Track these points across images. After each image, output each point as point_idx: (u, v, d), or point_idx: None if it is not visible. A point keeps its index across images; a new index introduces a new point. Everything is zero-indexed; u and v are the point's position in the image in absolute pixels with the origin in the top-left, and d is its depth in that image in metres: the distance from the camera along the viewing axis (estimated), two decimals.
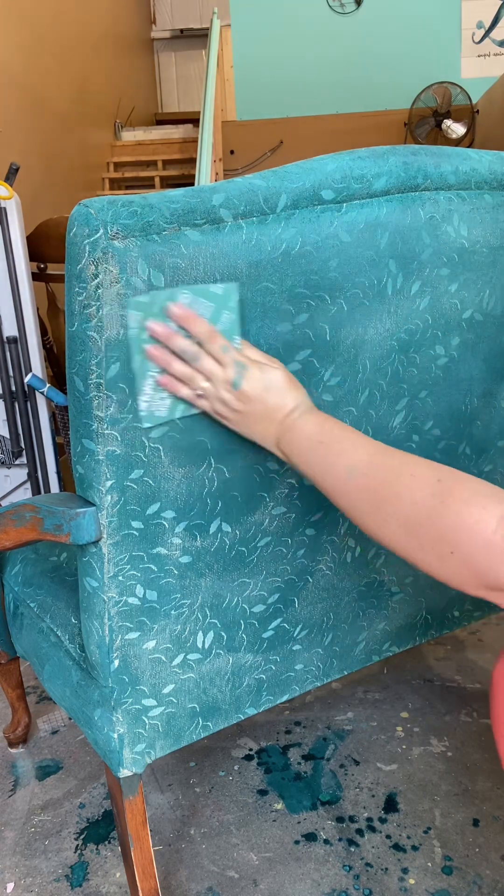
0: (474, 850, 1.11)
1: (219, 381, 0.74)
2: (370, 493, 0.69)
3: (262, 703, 1.00)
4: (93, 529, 0.77)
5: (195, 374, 0.74)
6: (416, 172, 0.80)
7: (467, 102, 5.07)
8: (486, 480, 1.06)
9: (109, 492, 0.76)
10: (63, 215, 2.32)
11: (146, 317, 0.71)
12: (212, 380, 0.74)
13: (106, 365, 0.70)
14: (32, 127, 4.27)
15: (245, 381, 0.74)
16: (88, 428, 0.74)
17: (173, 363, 0.73)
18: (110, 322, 0.69)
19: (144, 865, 0.96)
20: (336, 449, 0.72)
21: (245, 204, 0.72)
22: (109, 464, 0.75)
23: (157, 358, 0.72)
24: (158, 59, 7.82)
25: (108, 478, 0.75)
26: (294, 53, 5.52)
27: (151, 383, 0.73)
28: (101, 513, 0.77)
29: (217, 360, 0.74)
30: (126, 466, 0.76)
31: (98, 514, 0.77)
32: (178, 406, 0.76)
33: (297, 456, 0.75)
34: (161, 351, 0.72)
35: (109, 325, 0.69)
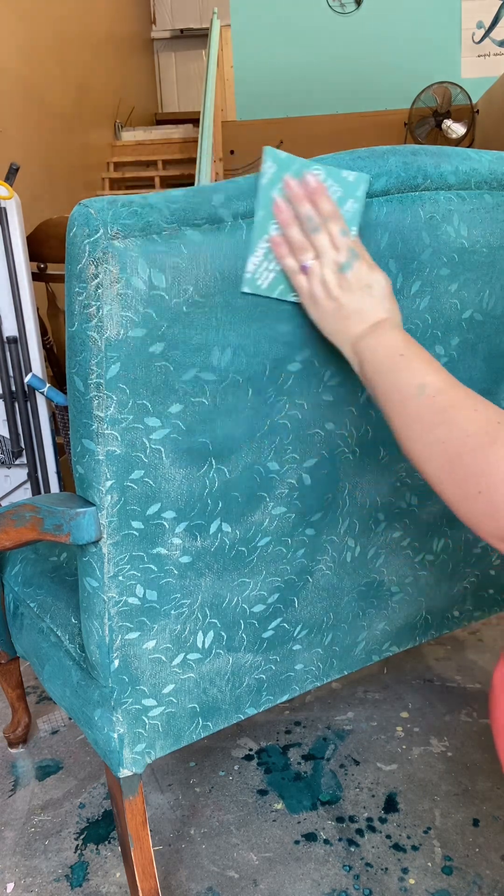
0: (474, 850, 1.11)
1: (328, 261, 0.74)
2: (430, 414, 0.68)
3: (262, 703, 1.00)
4: (93, 529, 0.77)
5: (308, 247, 0.74)
6: (416, 172, 0.80)
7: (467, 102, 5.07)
8: None
9: (109, 492, 0.76)
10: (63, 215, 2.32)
11: (281, 171, 0.71)
12: (322, 257, 0.74)
13: (106, 365, 0.70)
14: (32, 127, 4.28)
15: (353, 269, 0.74)
16: (88, 428, 0.74)
17: (292, 226, 0.73)
18: (110, 322, 0.69)
19: (144, 865, 0.96)
20: (413, 365, 0.71)
21: (245, 204, 0.72)
22: (109, 464, 0.75)
23: (282, 212, 0.73)
24: (158, 59, 7.83)
25: (108, 478, 0.75)
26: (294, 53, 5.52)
27: (265, 247, 0.73)
28: (101, 513, 0.77)
29: (333, 241, 0.73)
30: (126, 466, 0.76)
31: (98, 514, 0.77)
32: (280, 285, 0.75)
33: (372, 363, 0.73)
34: (287, 209, 0.73)
35: (109, 325, 0.69)
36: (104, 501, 0.76)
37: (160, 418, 0.75)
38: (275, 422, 0.82)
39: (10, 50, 3.98)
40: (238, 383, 0.77)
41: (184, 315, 0.71)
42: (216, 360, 0.75)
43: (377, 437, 0.92)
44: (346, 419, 0.87)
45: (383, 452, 0.93)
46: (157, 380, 0.73)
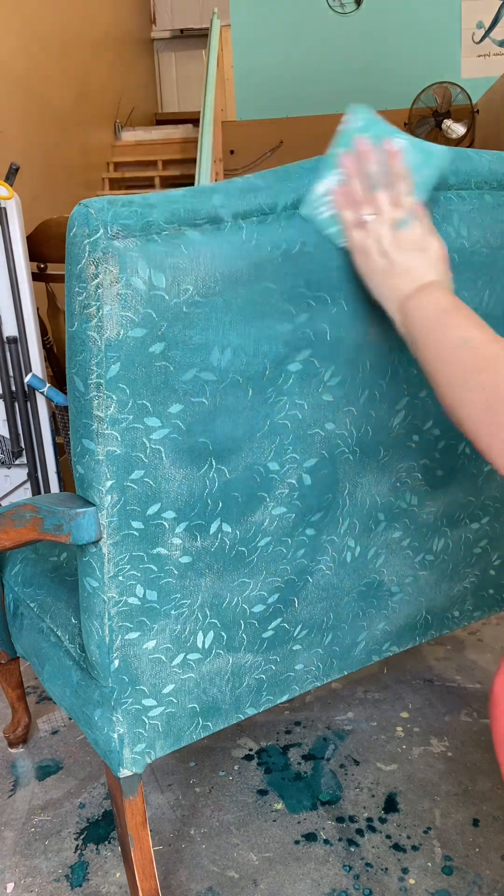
0: (474, 850, 1.11)
1: (386, 217, 0.74)
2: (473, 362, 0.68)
3: (262, 703, 1.00)
4: (93, 529, 0.77)
5: (367, 202, 0.75)
6: None
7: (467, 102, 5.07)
8: (487, 480, 1.06)
9: (109, 492, 0.76)
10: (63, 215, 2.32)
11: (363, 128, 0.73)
12: (380, 213, 0.74)
13: (106, 365, 0.70)
14: (32, 127, 4.28)
15: (410, 228, 0.74)
16: (88, 428, 0.74)
17: (355, 179, 0.74)
18: (110, 322, 0.69)
19: (144, 865, 0.96)
20: (459, 321, 0.71)
21: (245, 204, 0.72)
22: (109, 464, 0.75)
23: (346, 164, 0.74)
24: (158, 59, 7.83)
25: (108, 478, 0.75)
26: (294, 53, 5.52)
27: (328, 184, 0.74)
28: (101, 513, 0.77)
29: (395, 199, 0.75)
30: (126, 467, 0.76)
31: (98, 514, 0.77)
32: (334, 226, 0.75)
33: (418, 319, 0.73)
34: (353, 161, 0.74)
35: (109, 325, 0.69)
36: (104, 501, 0.76)
37: (160, 418, 0.75)
38: (275, 422, 0.82)
39: (11, 50, 3.98)
40: (238, 383, 0.77)
41: (184, 315, 0.71)
42: (216, 360, 0.75)
43: (377, 437, 0.92)
44: (347, 419, 0.87)
45: (383, 452, 0.93)
46: (157, 380, 0.73)
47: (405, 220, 0.75)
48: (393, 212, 0.75)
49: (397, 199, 0.75)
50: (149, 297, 0.69)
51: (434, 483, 1.01)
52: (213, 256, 0.71)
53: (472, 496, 1.06)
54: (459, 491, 1.04)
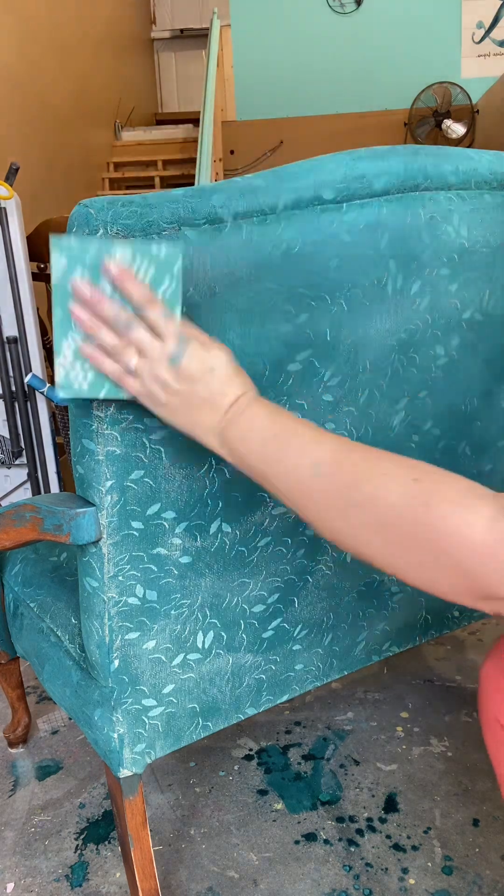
0: (474, 850, 1.11)
1: (156, 356, 0.64)
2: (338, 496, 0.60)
3: (262, 703, 1.00)
4: (93, 529, 0.77)
5: (126, 347, 0.64)
6: (416, 172, 0.80)
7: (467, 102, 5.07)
8: (487, 480, 1.06)
9: (109, 492, 0.76)
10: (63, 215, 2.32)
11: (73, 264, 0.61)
12: (147, 354, 0.64)
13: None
14: (32, 127, 4.27)
15: (187, 357, 0.64)
16: (88, 428, 0.74)
17: (101, 331, 0.63)
18: None
19: (144, 865, 0.96)
20: (294, 444, 0.62)
21: (245, 204, 0.72)
22: (109, 464, 0.75)
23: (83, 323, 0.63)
24: (158, 59, 7.83)
25: (108, 478, 0.75)
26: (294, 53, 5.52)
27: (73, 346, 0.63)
28: (101, 513, 0.77)
29: (155, 330, 0.64)
30: (126, 467, 0.76)
31: (98, 515, 0.77)
32: (104, 384, 0.65)
33: (245, 453, 0.65)
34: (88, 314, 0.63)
35: None
36: (104, 501, 0.76)
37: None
38: None
39: (10, 50, 3.98)
40: None
41: (183, 316, 0.71)
42: None
43: (377, 437, 0.92)
44: (347, 419, 0.87)
45: None
46: None
47: (178, 351, 0.64)
48: (159, 346, 0.64)
49: (157, 330, 0.64)
50: None
51: None
52: (213, 257, 0.71)
53: None
54: None
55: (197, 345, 0.65)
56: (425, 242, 0.82)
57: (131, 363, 0.64)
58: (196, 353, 0.64)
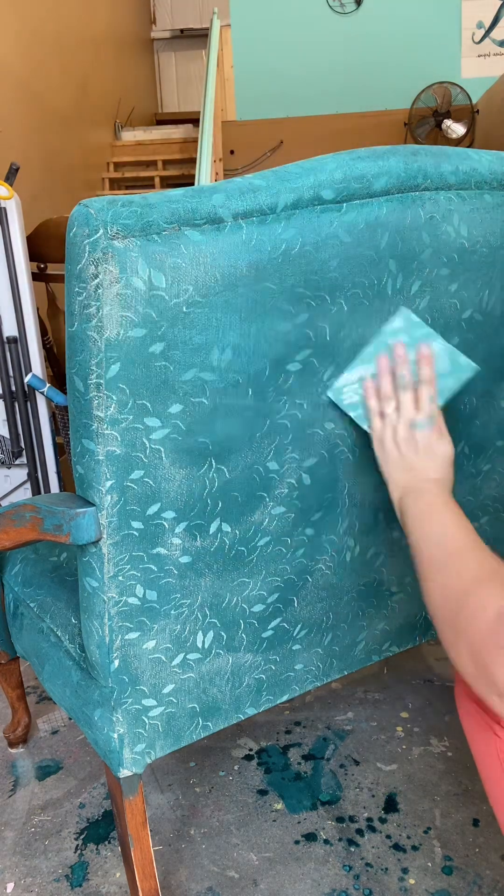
0: (474, 850, 1.11)
1: (405, 416, 0.81)
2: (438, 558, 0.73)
3: (262, 703, 1.00)
4: (93, 529, 0.77)
5: (391, 397, 0.82)
6: (416, 172, 0.80)
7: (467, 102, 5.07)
8: (486, 480, 1.06)
9: (109, 492, 0.76)
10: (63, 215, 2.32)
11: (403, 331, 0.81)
12: (401, 411, 0.81)
13: (106, 365, 0.70)
14: (32, 127, 4.27)
15: (425, 431, 0.81)
16: (88, 428, 0.74)
17: (386, 377, 0.82)
18: (110, 322, 0.69)
19: (144, 865, 0.96)
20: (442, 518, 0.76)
21: (245, 204, 0.72)
22: (109, 464, 0.75)
23: (381, 363, 0.82)
24: (158, 59, 7.83)
25: (108, 478, 0.75)
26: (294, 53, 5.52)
27: (359, 374, 0.82)
28: (101, 513, 0.77)
29: (417, 401, 0.82)
30: (126, 467, 0.76)
31: (98, 515, 0.77)
32: (359, 409, 0.83)
33: (410, 511, 0.79)
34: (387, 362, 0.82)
35: (109, 325, 0.69)
36: (104, 501, 0.76)
37: (160, 418, 0.75)
38: (275, 421, 0.82)
39: (11, 50, 3.98)
40: (238, 383, 0.77)
41: (183, 315, 0.71)
42: (216, 360, 0.75)
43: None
44: (346, 419, 0.87)
45: None
46: (156, 380, 0.73)
47: (422, 423, 0.81)
48: (413, 412, 0.81)
49: (420, 402, 0.82)
50: (149, 297, 0.69)
51: None
52: (213, 256, 0.71)
53: (471, 496, 1.06)
54: (458, 491, 1.04)
55: (437, 429, 0.82)
56: (425, 242, 0.82)
57: (388, 409, 0.82)
58: (432, 433, 0.81)
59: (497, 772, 0.73)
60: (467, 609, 0.65)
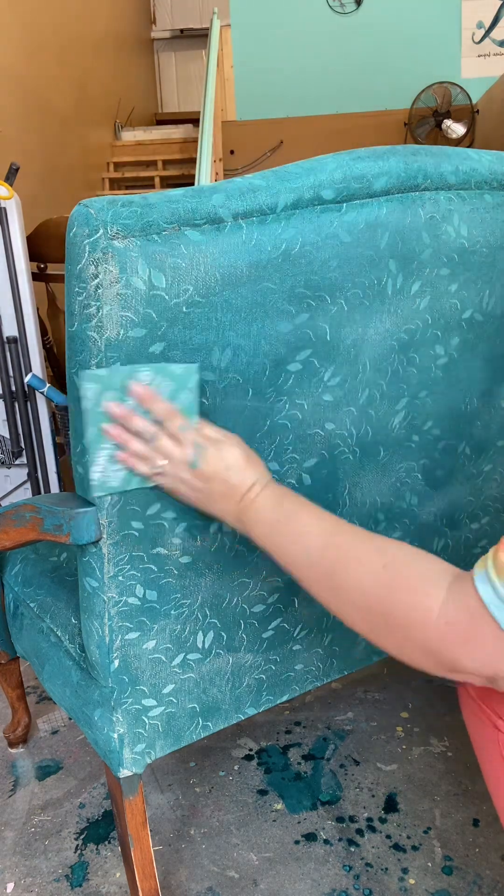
0: (474, 850, 1.11)
1: (177, 461, 0.74)
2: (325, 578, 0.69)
3: (262, 703, 1.00)
4: (93, 529, 0.77)
5: (153, 453, 0.74)
6: (416, 172, 0.80)
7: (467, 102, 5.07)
8: (487, 480, 1.06)
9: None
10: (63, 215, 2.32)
11: (103, 390, 0.71)
12: (171, 459, 0.74)
13: (106, 365, 0.70)
14: (32, 127, 4.27)
15: (203, 460, 0.74)
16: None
17: (131, 442, 0.73)
18: (110, 322, 0.69)
19: (144, 865, 0.96)
20: (293, 530, 0.72)
21: (245, 204, 0.72)
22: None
23: (115, 437, 0.73)
24: (158, 59, 7.83)
25: None
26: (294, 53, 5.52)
27: (106, 455, 0.74)
28: (101, 513, 0.77)
29: (175, 439, 0.74)
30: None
31: (98, 515, 0.77)
32: (134, 478, 0.76)
33: (257, 536, 0.75)
34: (119, 429, 0.73)
35: (109, 325, 0.69)
36: (104, 501, 0.76)
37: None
38: (275, 422, 0.82)
39: (10, 50, 3.98)
40: (238, 383, 0.77)
41: (183, 315, 0.71)
42: (216, 361, 0.75)
43: (377, 438, 0.92)
44: (346, 419, 0.87)
45: (383, 452, 0.93)
46: None
47: (195, 458, 0.74)
48: (180, 454, 0.74)
49: (178, 438, 0.74)
50: (149, 297, 0.69)
51: (434, 483, 1.01)
52: (213, 256, 0.71)
53: (472, 496, 1.06)
54: (459, 491, 1.04)
55: (211, 448, 0.74)
56: (425, 242, 0.82)
57: (158, 465, 0.75)
58: (211, 456, 0.74)
59: (499, 767, 0.73)
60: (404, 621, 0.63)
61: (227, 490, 0.75)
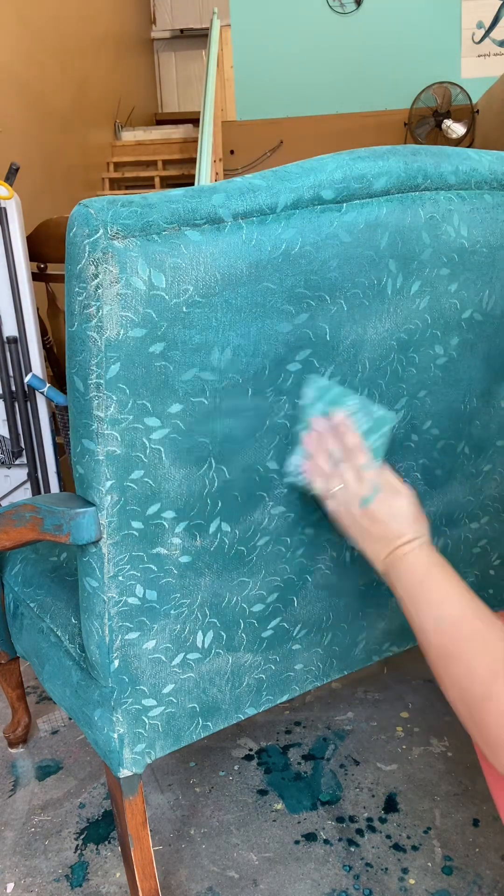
0: (474, 850, 1.11)
1: (352, 494, 0.78)
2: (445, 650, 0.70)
3: (262, 702, 1.00)
4: (93, 529, 0.77)
5: (333, 475, 0.78)
6: (416, 172, 0.80)
7: (467, 102, 5.07)
8: (486, 479, 1.06)
9: (109, 492, 0.76)
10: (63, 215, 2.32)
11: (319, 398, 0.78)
12: (346, 489, 0.78)
13: (106, 365, 0.70)
14: (32, 127, 4.27)
15: (375, 502, 0.77)
16: (88, 428, 0.74)
17: (319, 457, 0.78)
18: (110, 322, 0.69)
19: (144, 865, 0.96)
20: (433, 596, 0.73)
21: (245, 204, 0.72)
22: (109, 464, 0.75)
23: (308, 444, 0.79)
24: (158, 59, 7.83)
25: (108, 478, 0.75)
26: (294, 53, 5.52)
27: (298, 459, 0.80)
28: (101, 513, 0.77)
29: (356, 473, 0.78)
30: (126, 466, 0.76)
31: (98, 515, 0.77)
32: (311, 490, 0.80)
33: (399, 588, 0.76)
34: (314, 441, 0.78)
35: (109, 325, 0.69)
36: (104, 501, 0.76)
37: (160, 418, 0.75)
38: (274, 421, 0.82)
39: (10, 50, 3.98)
40: (238, 383, 0.77)
41: (183, 315, 0.71)
42: (216, 360, 0.75)
43: None
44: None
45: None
46: (156, 380, 0.73)
47: (369, 497, 0.77)
48: (357, 488, 0.77)
49: (359, 475, 0.78)
50: (149, 297, 0.69)
51: (433, 483, 1.01)
52: (213, 256, 0.71)
53: (472, 496, 1.06)
54: (458, 491, 1.04)
55: (387, 492, 0.78)
56: (425, 242, 0.82)
57: (334, 488, 0.79)
58: (384, 499, 0.77)
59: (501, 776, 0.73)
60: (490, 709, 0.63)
61: (385, 536, 0.77)
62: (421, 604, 0.73)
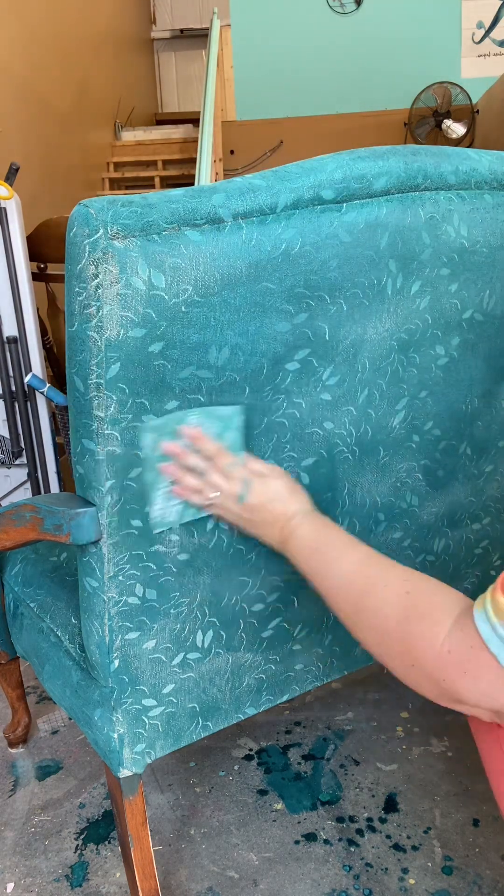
0: (474, 850, 1.11)
1: (227, 495, 0.80)
2: (352, 602, 0.74)
3: (262, 702, 1.00)
4: (93, 529, 0.77)
5: (205, 487, 0.80)
6: (416, 172, 0.80)
7: (467, 102, 5.06)
8: (488, 480, 1.06)
9: (109, 492, 0.76)
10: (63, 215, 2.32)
11: (159, 438, 0.77)
12: (221, 492, 0.80)
13: (106, 365, 0.70)
14: (32, 127, 4.27)
15: (250, 494, 0.80)
16: (88, 428, 0.74)
17: (186, 477, 0.79)
18: (110, 322, 0.69)
19: (144, 865, 0.96)
20: (329, 556, 0.77)
21: (245, 204, 0.72)
22: (109, 464, 0.75)
23: (172, 473, 0.79)
24: (158, 59, 7.83)
25: (108, 478, 0.75)
26: (294, 53, 5.51)
27: (163, 493, 0.79)
28: (101, 513, 0.77)
29: (224, 475, 0.80)
30: (126, 466, 0.76)
31: (98, 514, 0.77)
32: (188, 511, 0.81)
33: (299, 561, 0.80)
34: (174, 467, 0.79)
35: (109, 325, 0.69)
36: (104, 501, 0.76)
37: (157, 416, 0.75)
38: (272, 420, 0.82)
39: (10, 50, 3.98)
40: (235, 381, 0.77)
41: (182, 315, 0.71)
42: (213, 359, 0.75)
43: (377, 437, 0.92)
44: (345, 419, 0.87)
45: (383, 452, 0.93)
46: (155, 378, 0.73)
47: (243, 492, 0.80)
48: (228, 488, 0.80)
49: (228, 475, 0.80)
50: (148, 297, 0.69)
51: (435, 483, 1.01)
52: (213, 256, 0.71)
53: (473, 497, 1.06)
54: (460, 491, 1.04)
55: (257, 482, 0.81)
56: (425, 242, 0.82)
57: (210, 497, 0.81)
58: (256, 489, 0.81)
59: (501, 764, 0.73)
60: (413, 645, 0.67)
61: (271, 519, 0.81)
62: (321, 568, 0.78)
